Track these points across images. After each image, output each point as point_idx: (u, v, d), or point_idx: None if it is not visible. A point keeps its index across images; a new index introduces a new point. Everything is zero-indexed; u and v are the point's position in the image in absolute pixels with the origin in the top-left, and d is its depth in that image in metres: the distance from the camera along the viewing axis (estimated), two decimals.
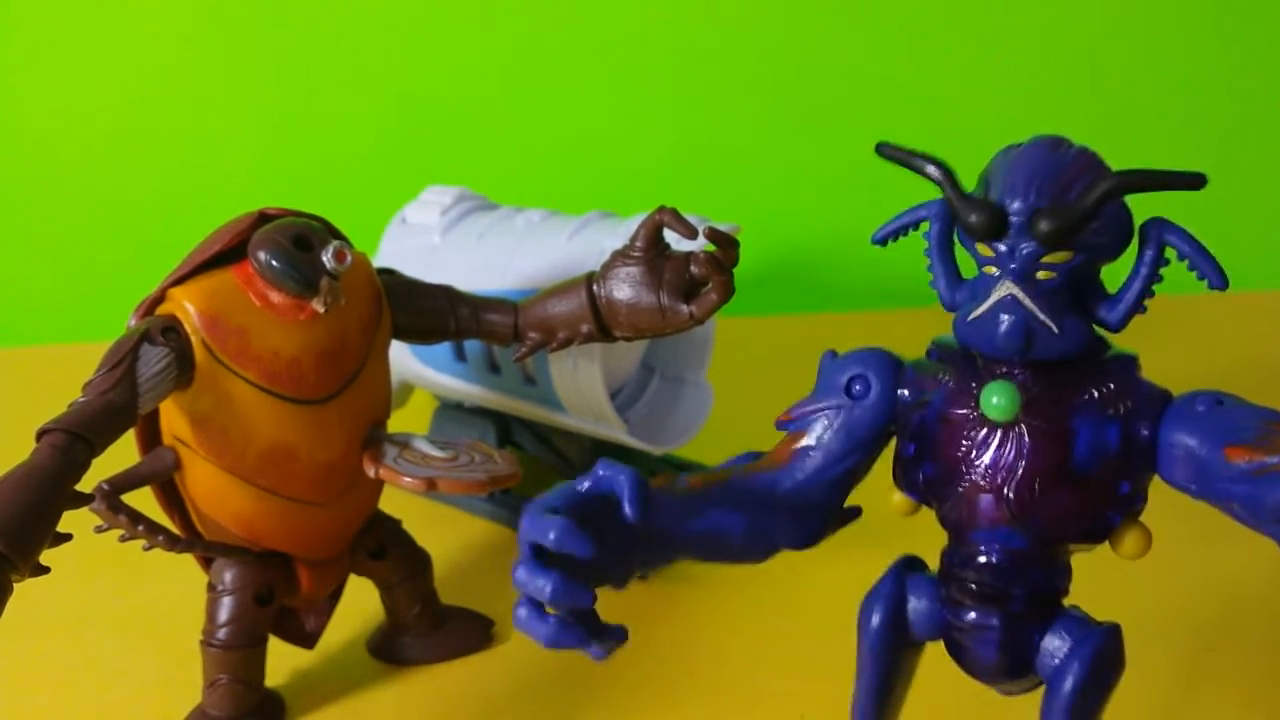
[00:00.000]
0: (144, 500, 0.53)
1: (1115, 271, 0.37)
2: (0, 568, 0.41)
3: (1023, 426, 0.37)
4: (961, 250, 0.39)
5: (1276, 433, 0.34)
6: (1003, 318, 0.36)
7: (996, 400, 0.37)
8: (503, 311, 0.59)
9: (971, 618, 0.38)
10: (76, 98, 1.19)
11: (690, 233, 0.53)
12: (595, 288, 0.56)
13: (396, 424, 0.59)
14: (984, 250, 0.36)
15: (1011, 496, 0.37)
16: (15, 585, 0.41)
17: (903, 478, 0.40)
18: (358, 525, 0.59)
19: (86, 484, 0.46)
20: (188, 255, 0.52)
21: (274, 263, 0.50)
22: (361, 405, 0.55)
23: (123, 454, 0.51)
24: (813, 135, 1.22)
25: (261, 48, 1.18)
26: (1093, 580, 0.42)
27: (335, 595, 0.61)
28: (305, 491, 0.54)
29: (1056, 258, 0.35)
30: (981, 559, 0.38)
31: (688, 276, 0.54)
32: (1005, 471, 0.37)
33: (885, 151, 0.38)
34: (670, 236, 0.57)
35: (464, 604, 0.65)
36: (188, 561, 0.58)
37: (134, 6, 1.16)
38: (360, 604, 0.63)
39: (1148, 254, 0.36)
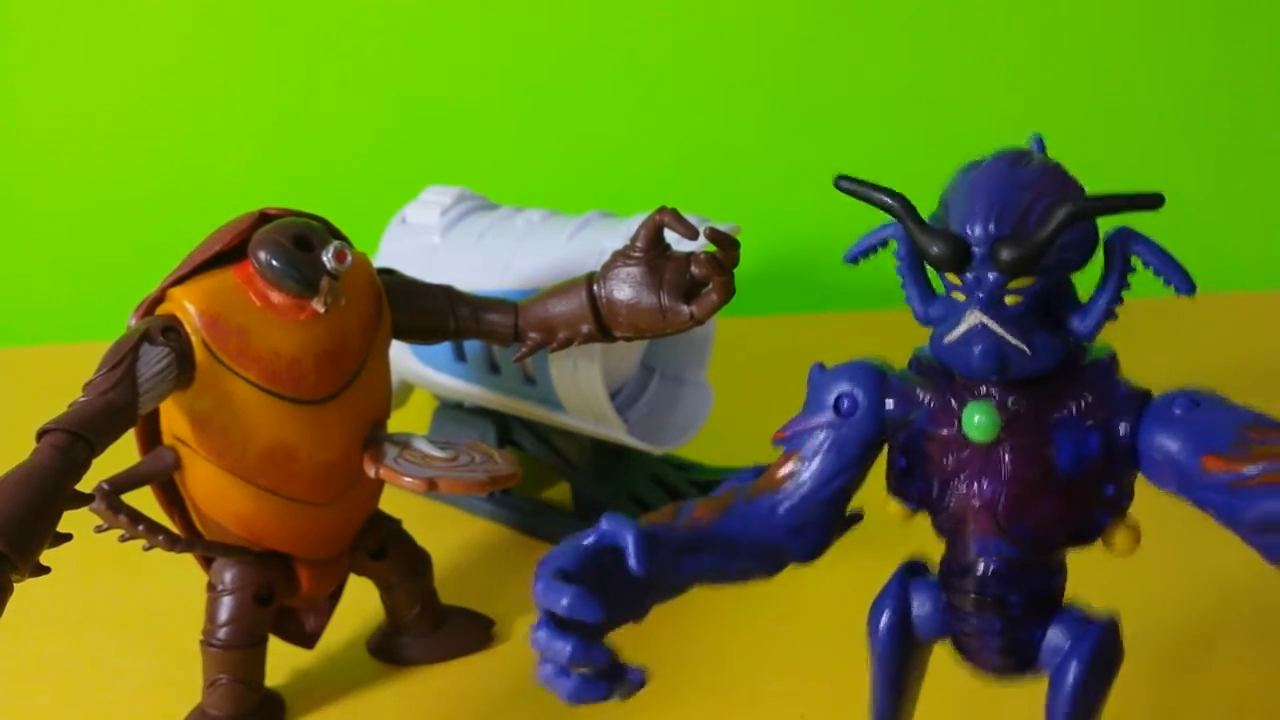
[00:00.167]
0: (144, 500, 0.53)
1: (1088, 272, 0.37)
2: (0, 568, 0.41)
3: (1005, 444, 0.37)
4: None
5: (1253, 440, 0.34)
6: (975, 344, 0.36)
7: (978, 421, 0.37)
8: (503, 311, 0.59)
9: (973, 623, 0.39)
10: (76, 98, 1.19)
11: (690, 233, 0.53)
12: (595, 288, 0.56)
13: (396, 424, 0.59)
14: (951, 278, 0.36)
15: (1000, 510, 0.38)
16: (15, 585, 0.41)
17: (896, 489, 0.41)
18: (358, 525, 0.59)
19: (86, 484, 0.46)
20: (188, 255, 0.52)
21: (274, 262, 0.50)
22: (361, 405, 0.55)
23: (123, 454, 0.51)
24: (813, 135, 1.22)
25: (261, 48, 1.18)
26: (1088, 577, 0.42)
27: (335, 595, 0.61)
28: (305, 491, 0.54)
29: (1021, 283, 0.35)
30: (978, 568, 0.39)
31: (688, 277, 0.54)
32: (991, 487, 0.38)
33: (843, 185, 0.38)
34: (671, 237, 0.57)
35: (464, 604, 0.65)
36: (188, 561, 0.58)
37: (134, 6, 1.16)
38: (360, 604, 0.63)
39: (1115, 265, 0.36)
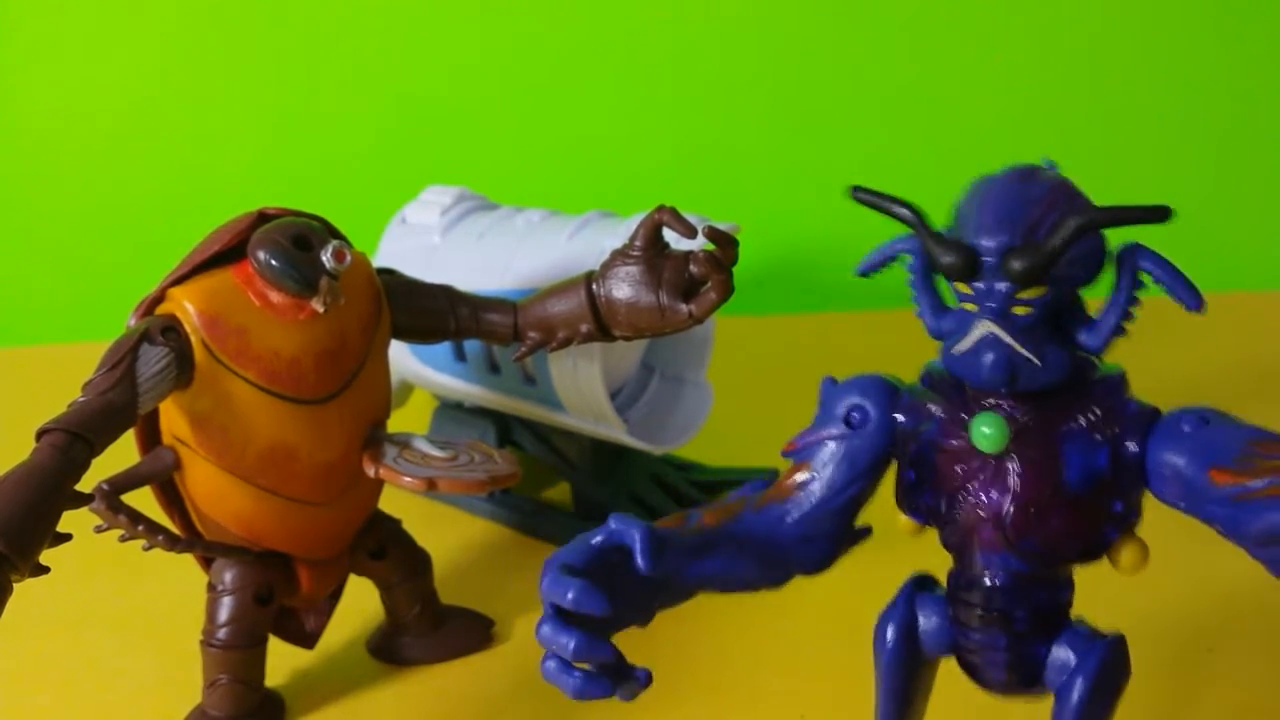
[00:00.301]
0: (144, 500, 0.53)
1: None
2: (0, 568, 0.41)
3: (1014, 456, 0.38)
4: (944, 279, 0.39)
5: (1259, 454, 0.35)
6: (985, 355, 0.36)
7: (986, 432, 0.37)
8: (502, 311, 0.59)
9: (978, 639, 0.39)
10: (76, 98, 1.19)
11: (689, 232, 0.53)
12: (595, 287, 0.56)
13: (396, 424, 0.59)
14: (961, 288, 0.37)
15: (1008, 524, 0.38)
16: (15, 585, 0.41)
17: (905, 502, 0.41)
18: (358, 525, 0.59)
19: (86, 484, 0.46)
20: (187, 255, 0.52)
21: (273, 262, 0.50)
22: (361, 405, 0.55)
23: (123, 454, 0.51)
24: (813, 135, 1.22)
25: (261, 48, 1.18)
26: (1093, 582, 0.42)
27: (335, 595, 0.61)
28: (305, 491, 0.54)
29: (1031, 294, 0.36)
30: (984, 582, 0.39)
31: (687, 275, 0.54)
32: (1000, 500, 0.38)
33: (859, 196, 0.39)
34: (670, 236, 0.57)
35: (464, 604, 0.65)
36: (188, 561, 0.58)
37: (134, 6, 1.16)
38: (360, 604, 0.63)
39: (1123, 280, 0.36)
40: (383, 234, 0.79)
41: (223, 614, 0.55)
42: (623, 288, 0.55)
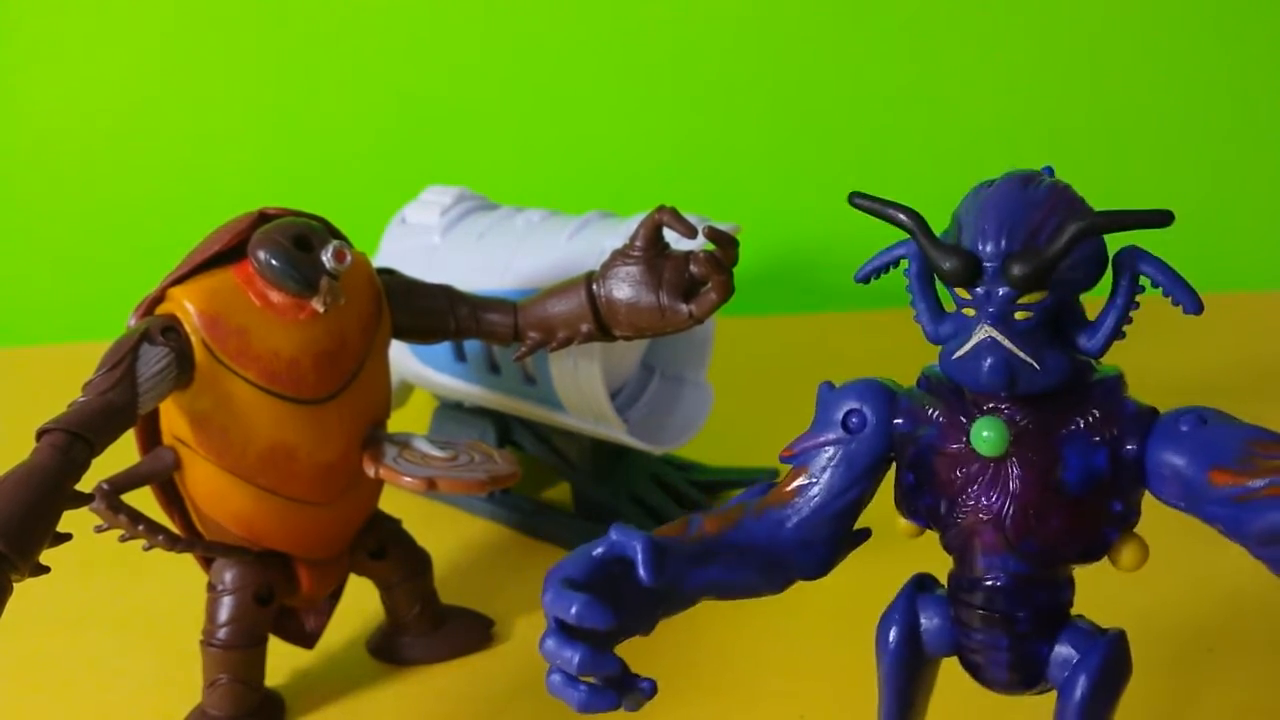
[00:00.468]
0: (144, 500, 0.53)
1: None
2: (0, 567, 0.41)
3: (1014, 459, 0.38)
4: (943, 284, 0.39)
5: (1259, 454, 0.35)
6: (985, 359, 0.36)
7: (986, 436, 0.37)
8: (502, 311, 0.59)
9: (981, 639, 0.39)
10: (76, 98, 1.19)
11: (690, 232, 0.53)
12: (595, 287, 0.56)
13: (396, 424, 0.59)
14: (961, 293, 0.37)
15: (1008, 525, 0.38)
16: (15, 585, 0.41)
17: (904, 505, 0.41)
18: (358, 525, 0.59)
19: (86, 484, 0.46)
20: (187, 255, 0.52)
21: (274, 262, 0.50)
22: (361, 405, 0.55)
23: (123, 454, 0.51)
24: (813, 135, 1.22)
25: (261, 48, 1.18)
26: (1093, 582, 0.42)
27: (335, 595, 0.61)
28: (305, 491, 0.54)
29: (1031, 298, 0.36)
30: (986, 583, 0.39)
31: (687, 276, 0.54)
32: (1000, 503, 0.38)
33: (857, 202, 0.39)
34: (670, 236, 0.57)
35: (464, 604, 0.65)
36: (188, 561, 0.58)
37: (134, 6, 1.16)
38: (360, 604, 0.63)
39: (1123, 284, 0.36)
40: (383, 234, 0.80)
41: (223, 614, 0.55)
42: (623, 288, 0.55)
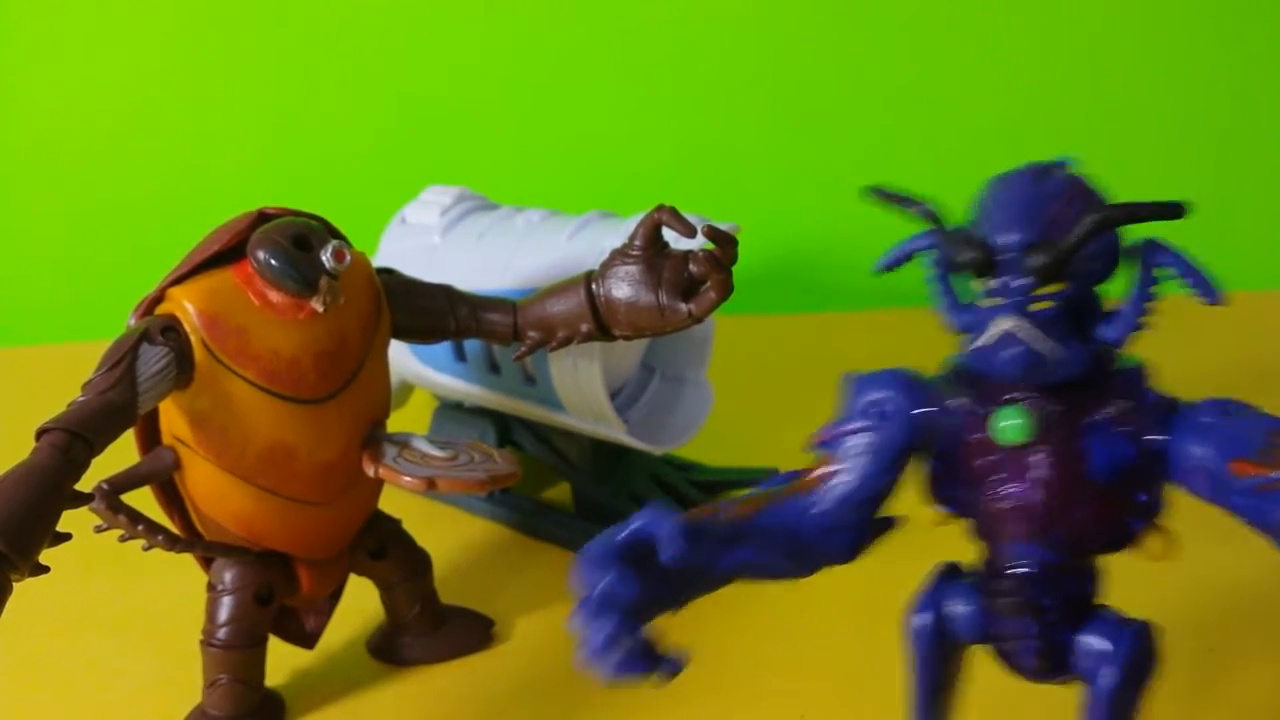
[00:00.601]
0: (144, 500, 0.53)
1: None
2: (0, 567, 0.41)
3: (1038, 448, 0.38)
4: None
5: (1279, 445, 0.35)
6: (1006, 349, 0.37)
7: (1009, 425, 0.38)
8: (502, 311, 0.59)
9: (1009, 627, 0.40)
10: (76, 98, 1.19)
11: (689, 231, 0.53)
12: (594, 286, 0.56)
13: (396, 424, 0.59)
14: (981, 284, 0.38)
15: (1032, 514, 0.38)
16: (15, 585, 0.41)
17: (932, 494, 0.41)
18: (358, 525, 0.59)
19: (86, 484, 0.46)
20: (187, 255, 0.52)
21: (273, 262, 0.50)
22: (361, 405, 0.55)
23: (123, 454, 0.51)
24: (813, 135, 1.22)
25: (261, 48, 1.18)
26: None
27: (335, 595, 0.61)
28: (305, 491, 0.54)
29: (1050, 289, 0.36)
30: (1014, 571, 0.39)
31: (686, 275, 0.54)
32: (1025, 491, 0.38)
33: (876, 195, 0.40)
34: (670, 235, 0.57)
35: (464, 604, 0.65)
36: (188, 561, 0.58)
37: (134, 6, 1.16)
38: (360, 604, 0.63)
39: (1142, 274, 0.37)
40: (383, 234, 0.79)
41: (223, 614, 0.55)
42: (622, 287, 0.55)
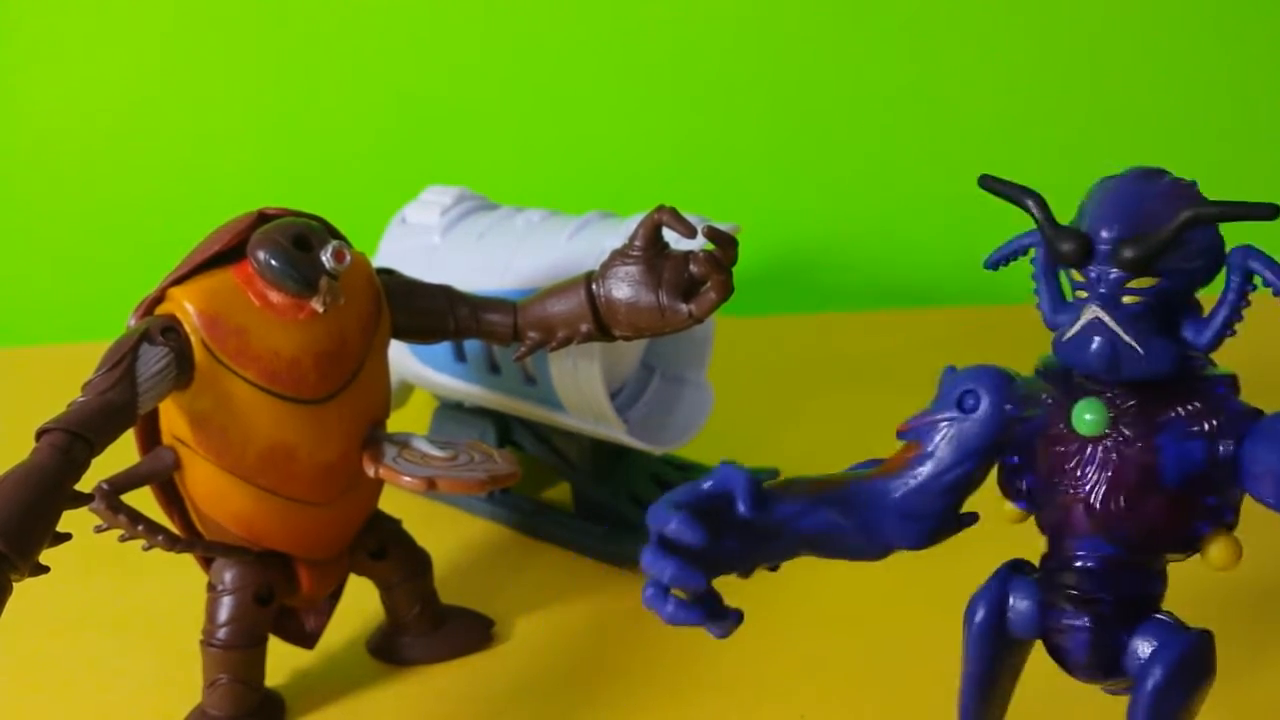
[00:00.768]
0: (144, 500, 0.53)
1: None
2: (0, 567, 0.41)
3: (1112, 442, 0.39)
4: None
5: None
6: (1091, 339, 0.38)
7: (1086, 417, 0.39)
8: (502, 311, 0.59)
9: (1064, 619, 0.40)
10: (76, 98, 1.19)
11: (689, 232, 0.53)
12: (594, 287, 0.56)
13: (396, 424, 0.59)
14: (1076, 276, 0.38)
15: (1099, 507, 0.39)
16: (15, 585, 0.41)
17: (1006, 486, 0.42)
18: (358, 525, 0.59)
19: (86, 484, 0.46)
20: (187, 255, 0.52)
21: (273, 262, 0.50)
22: (361, 405, 0.55)
23: (123, 454, 0.51)
24: (813, 135, 1.22)
25: (261, 48, 1.18)
26: None
27: (335, 595, 0.61)
28: (305, 491, 0.54)
29: (1142, 283, 0.37)
30: (1076, 564, 0.40)
31: (687, 275, 0.54)
32: (1094, 484, 0.39)
33: (988, 185, 0.41)
34: (670, 236, 0.57)
35: (464, 604, 0.65)
36: (188, 561, 0.58)
37: (134, 6, 1.16)
38: (360, 604, 0.63)
39: (1233, 279, 0.38)
40: (383, 234, 0.79)
41: (223, 614, 0.55)
42: (622, 287, 0.55)
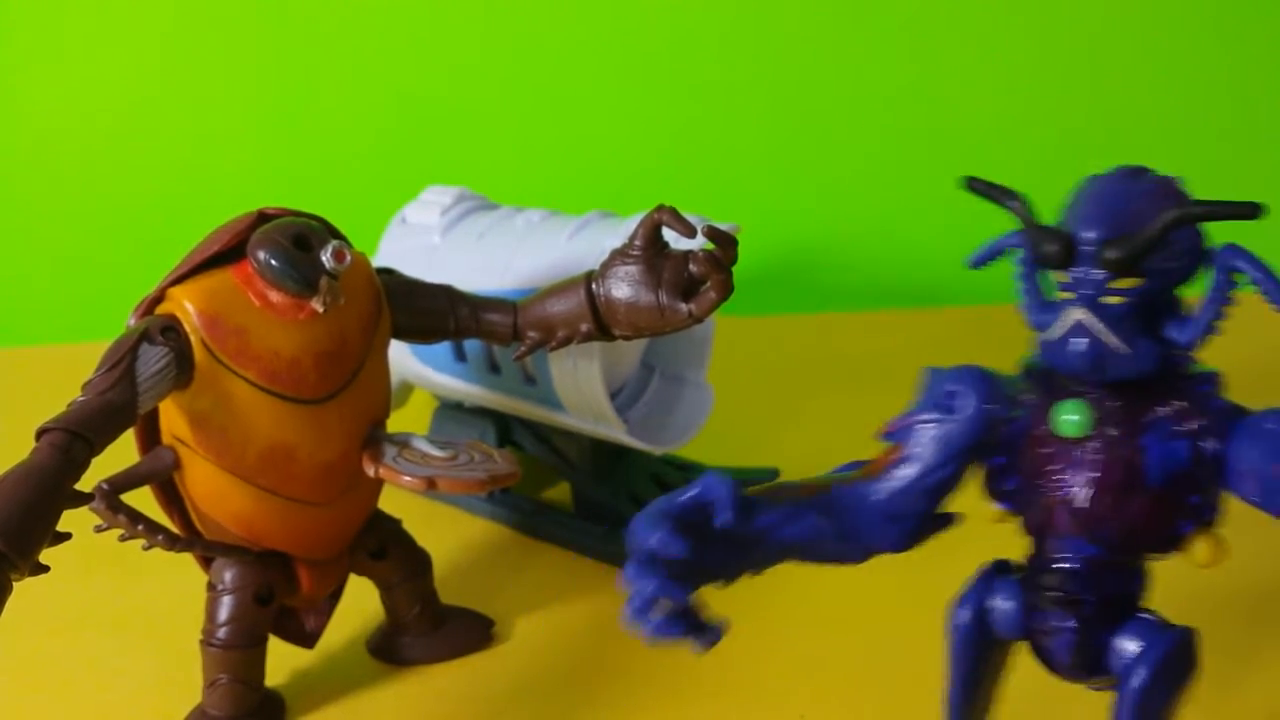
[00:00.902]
0: (144, 500, 0.53)
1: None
2: (0, 567, 0.41)
3: (1095, 443, 0.39)
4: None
5: None
6: (1074, 340, 0.37)
7: (1069, 418, 0.39)
8: (502, 311, 0.59)
9: (1047, 620, 0.40)
10: (76, 98, 1.19)
11: (689, 231, 0.53)
12: (594, 286, 0.56)
13: (396, 424, 0.59)
14: (1059, 277, 0.38)
15: (1083, 508, 0.39)
16: (15, 584, 0.41)
17: (990, 487, 0.42)
18: (358, 525, 0.59)
19: (86, 483, 0.46)
20: (187, 255, 0.52)
21: (273, 262, 0.50)
22: (361, 405, 0.55)
23: (123, 454, 0.51)
24: (813, 135, 1.22)
25: (261, 48, 1.18)
26: None
27: (335, 595, 0.61)
28: (305, 491, 0.54)
29: (1125, 283, 0.37)
30: (1059, 565, 0.40)
31: (687, 275, 0.54)
32: (1078, 485, 0.39)
33: (972, 185, 0.41)
34: (670, 235, 0.57)
35: (464, 604, 0.65)
36: (188, 561, 0.58)
37: (134, 6, 1.16)
38: (360, 604, 0.63)
39: (1217, 278, 0.38)
40: (383, 234, 0.79)
41: (223, 614, 0.55)
42: (622, 287, 0.55)
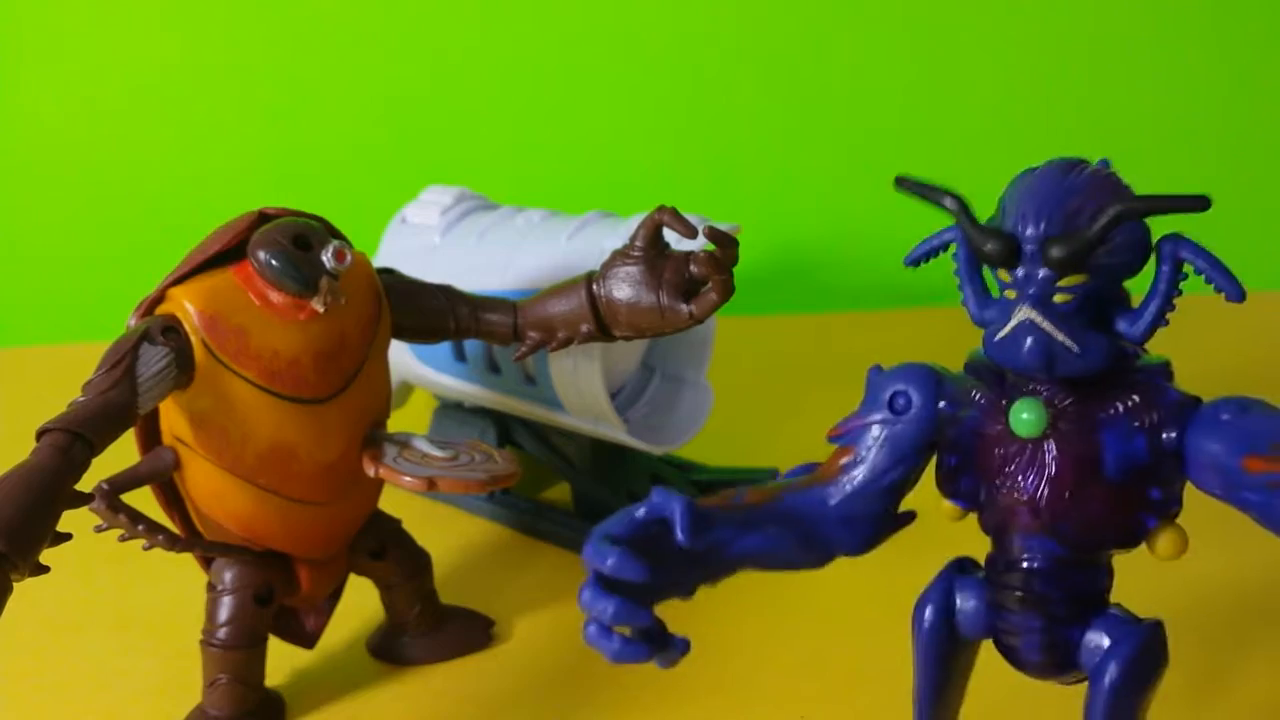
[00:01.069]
0: (144, 500, 0.53)
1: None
2: (0, 567, 0.41)
3: (1052, 441, 0.38)
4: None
5: None
6: (1024, 340, 0.37)
7: (1024, 417, 0.38)
8: (502, 311, 0.59)
9: (1015, 621, 0.40)
10: (77, 97, 1.19)
11: (690, 232, 0.53)
12: (595, 287, 0.56)
13: (396, 424, 0.59)
14: (1003, 276, 0.38)
15: (1044, 507, 0.39)
16: (15, 585, 0.41)
17: (946, 487, 0.42)
18: (358, 525, 0.59)
19: (86, 484, 0.46)
20: (187, 255, 0.52)
21: (273, 262, 0.50)
22: (361, 405, 0.55)
23: (123, 454, 0.51)
24: (813, 135, 1.22)
25: (261, 47, 1.18)
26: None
27: (335, 595, 0.61)
28: (305, 491, 0.54)
29: (1071, 281, 0.36)
30: (1023, 565, 0.39)
31: (687, 276, 0.54)
32: (1037, 484, 0.39)
33: (904, 185, 0.40)
34: (670, 236, 0.57)
35: (464, 604, 0.65)
36: (188, 561, 0.58)
37: (134, 6, 1.16)
38: (360, 604, 0.63)
39: (1164, 270, 0.37)
40: (383, 234, 0.80)
41: (223, 613, 0.55)
42: (623, 288, 0.55)
